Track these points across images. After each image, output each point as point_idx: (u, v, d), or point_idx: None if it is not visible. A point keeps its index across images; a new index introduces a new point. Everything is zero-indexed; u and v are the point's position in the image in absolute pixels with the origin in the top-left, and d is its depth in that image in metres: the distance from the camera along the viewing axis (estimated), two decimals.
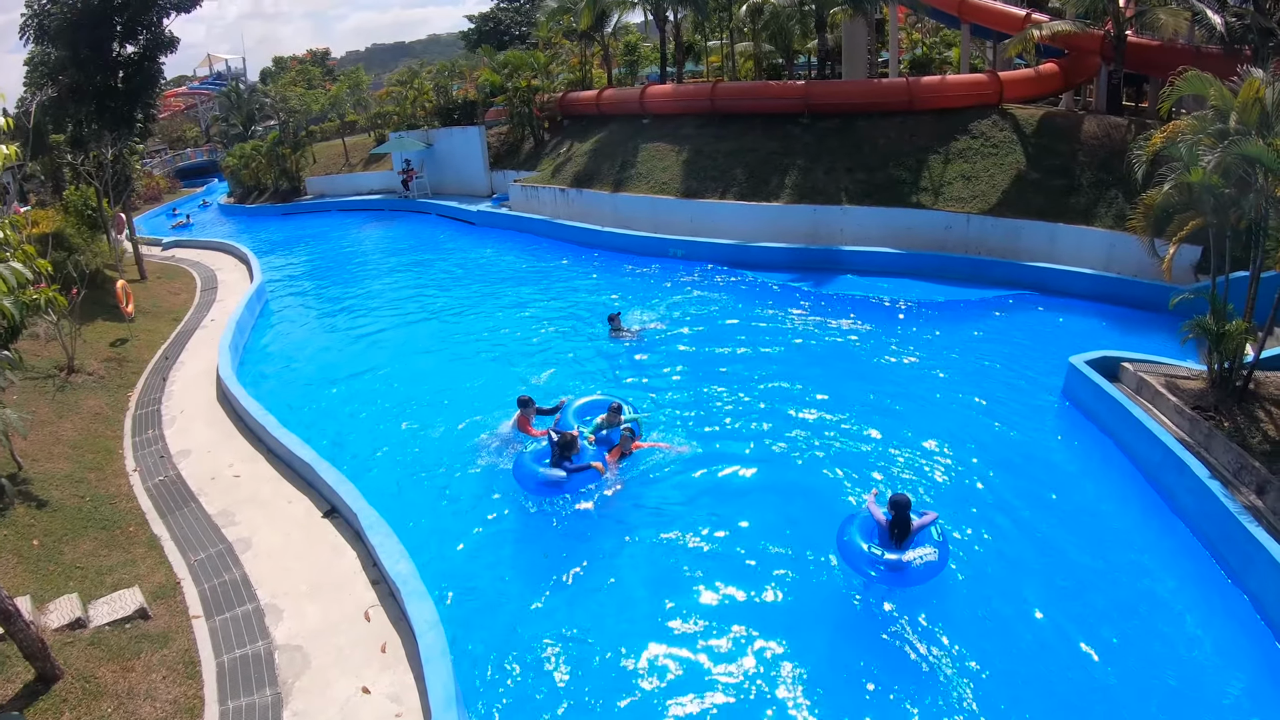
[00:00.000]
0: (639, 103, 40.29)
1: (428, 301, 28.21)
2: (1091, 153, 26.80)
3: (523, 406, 16.09)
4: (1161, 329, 19.28)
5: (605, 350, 21.38)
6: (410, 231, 43.18)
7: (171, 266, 35.98)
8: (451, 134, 49.72)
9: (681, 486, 14.43)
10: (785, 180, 31.26)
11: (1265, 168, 13.07)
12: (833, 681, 10.07)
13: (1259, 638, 10.53)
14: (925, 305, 24.06)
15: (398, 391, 19.50)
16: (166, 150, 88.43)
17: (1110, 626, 10.83)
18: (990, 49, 41.36)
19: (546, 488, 13.71)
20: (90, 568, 11.84)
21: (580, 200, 37.32)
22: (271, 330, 26.32)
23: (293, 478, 14.71)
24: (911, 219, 28.25)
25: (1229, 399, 14.27)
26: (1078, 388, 16.84)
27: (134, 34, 27.58)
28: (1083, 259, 24.78)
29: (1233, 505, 11.81)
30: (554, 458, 13.96)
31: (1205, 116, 14.48)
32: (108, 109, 27.72)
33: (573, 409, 16.17)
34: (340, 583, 11.58)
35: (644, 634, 10.88)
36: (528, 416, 16.08)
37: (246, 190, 60.16)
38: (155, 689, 9.42)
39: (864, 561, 11.18)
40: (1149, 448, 14.10)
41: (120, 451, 16.47)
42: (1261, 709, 9.56)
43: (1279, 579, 10.45)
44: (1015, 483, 14.19)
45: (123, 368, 20.99)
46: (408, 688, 9.45)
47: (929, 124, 30.53)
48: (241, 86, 78.57)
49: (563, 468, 13.79)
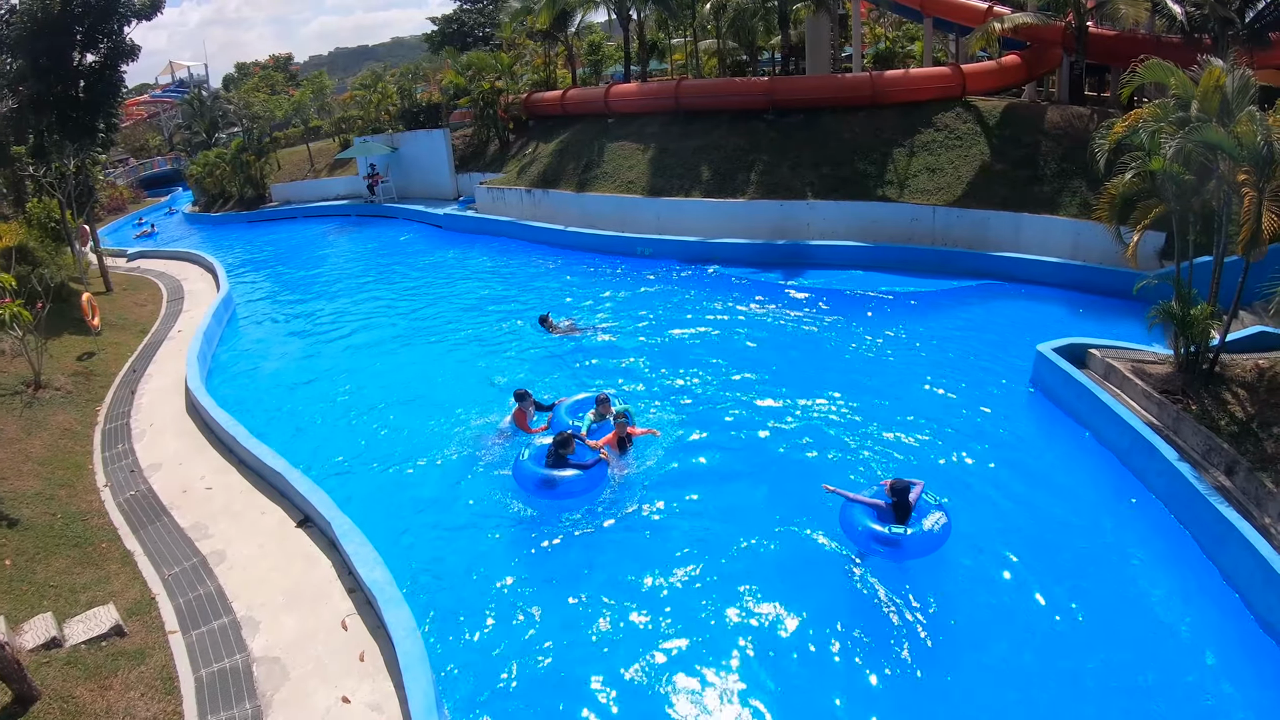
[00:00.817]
0: (604, 102, 40.23)
1: (395, 307, 28.00)
2: (1055, 143, 27.03)
3: (519, 400, 16.01)
4: (1128, 315, 19.47)
5: (564, 348, 21.43)
6: (377, 237, 42.90)
7: (137, 278, 35.47)
8: (416, 137, 49.45)
9: (667, 479, 14.43)
10: (751, 176, 31.32)
11: (1226, 154, 13.20)
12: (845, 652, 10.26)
13: (1232, 612, 10.67)
14: (893, 297, 24.19)
15: (369, 396, 19.32)
16: (130, 160, 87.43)
17: (1089, 606, 10.94)
18: (953, 42, 41.61)
19: (547, 489, 13.51)
20: (64, 586, 11.64)
21: (546, 201, 37.24)
22: (240, 340, 26.00)
23: (265, 488, 14.52)
24: (877, 212, 28.36)
25: (1196, 382, 14.38)
26: (1046, 375, 16.93)
27: (95, 43, 27.13)
28: (1048, 248, 24.97)
29: (1202, 486, 11.94)
30: (551, 457, 13.73)
31: (1166, 104, 14.59)
32: (69, 119, 27.29)
33: (564, 409, 16.03)
34: (316, 592, 11.44)
35: (637, 635, 10.85)
36: (525, 410, 16.00)
37: (211, 199, 59.47)
38: (134, 707, 9.26)
39: (883, 542, 11.45)
40: (1118, 432, 14.24)
41: (90, 467, 16.20)
42: (1236, 679, 9.75)
43: (1249, 556, 10.56)
44: (985, 470, 14.26)
45: (90, 382, 20.67)
46: (388, 696, 9.34)
47: (893, 118, 30.69)
48: (204, 93, 77.80)
49: (566, 466, 13.60)
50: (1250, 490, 11.92)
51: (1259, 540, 10.58)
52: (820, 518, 12.78)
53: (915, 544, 11.37)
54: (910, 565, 11.68)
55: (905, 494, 11.68)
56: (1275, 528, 11.15)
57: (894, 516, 11.64)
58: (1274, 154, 12.59)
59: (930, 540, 11.43)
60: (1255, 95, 13.57)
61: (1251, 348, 15.38)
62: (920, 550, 11.45)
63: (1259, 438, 12.54)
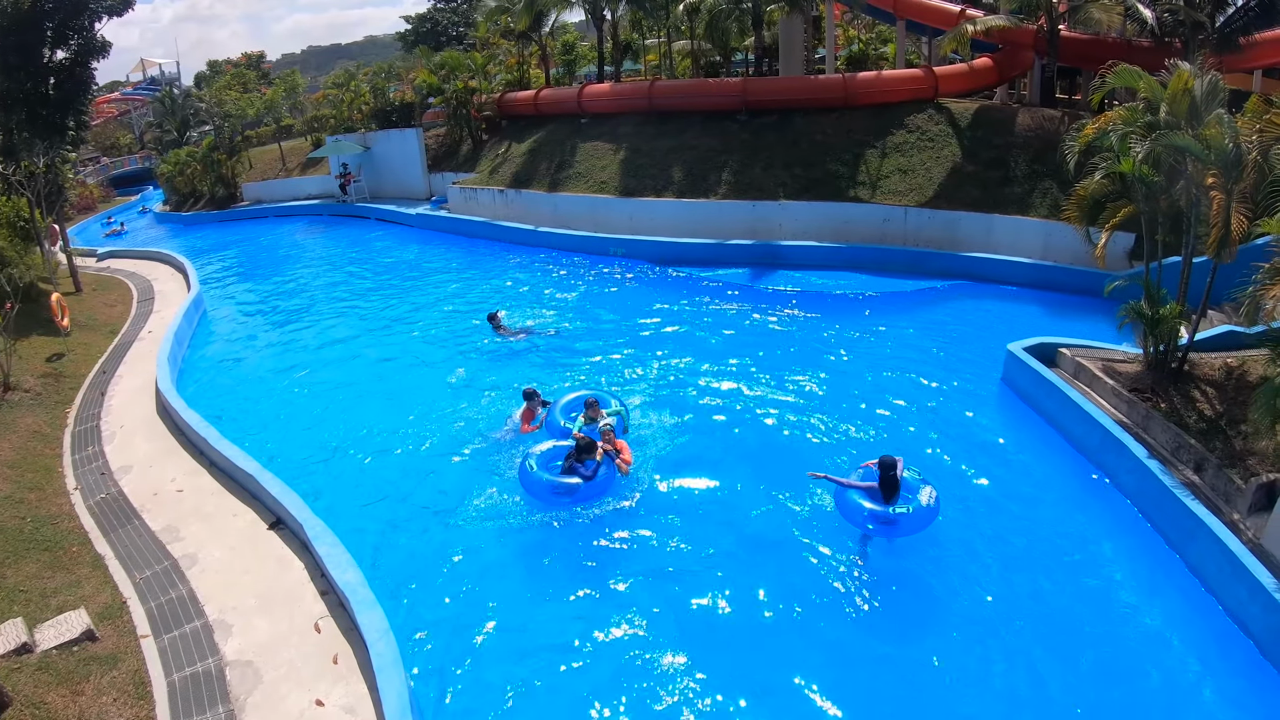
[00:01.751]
0: (577, 102, 40.18)
1: (365, 306, 27.89)
2: (1026, 144, 27.22)
3: (528, 399, 15.91)
4: (1097, 315, 19.63)
5: (535, 346, 21.51)
6: (349, 236, 42.63)
7: (107, 278, 35.10)
8: (389, 137, 49.17)
9: (646, 478, 14.40)
10: (724, 177, 31.36)
11: (1194, 157, 13.35)
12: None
13: (1201, 606, 10.81)
14: (865, 297, 24.30)
15: (341, 396, 19.27)
16: (100, 158, 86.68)
17: (1057, 601, 11.11)
18: (926, 44, 41.82)
19: (561, 496, 13.15)
20: (34, 591, 11.50)
21: (519, 201, 37.17)
22: (211, 341, 25.77)
23: (236, 490, 14.39)
24: (849, 213, 28.45)
25: (1165, 381, 14.52)
26: (1017, 374, 17.05)
27: (65, 39, 26.81)
28: (1019, 248, 25.15)
29: (1171, 482, 12.07)
30: (567, 464, 13.38)
31: (1136, 108, 14.77)
32: (38, 117, 26.94)
33: (559, 407, 15.78)
34: (289, 595, 11.35)
35: (617, 637, 10.84)
36: (532, 409, 15.88)
37: (182, 198, 58.90)
38: (106, 712, 9.18)
39: (880, 521, 11.79)
40: (1088, 430, 14.36)
41: (60, 470, 16.01)
42: (1211, 670, 9.94)
43: (1218, 551, 10.70)
44: (955, 469, 14.33)
45: (60, 383, 20.44)
46: (362, 698, 9.28)
47: (865, 119, 30.78)
48: (175, 91, 77.12)
49: (577, 473, 13.24)
50: (1219, 486, 12.07)
51: (1228, 535, 10.72)
52: (788, 512, 12.89)
53: (914, 520, 11.75)
54: (879, 561, 11.82)
55: (893, 469, 11.92)
56: (1244, 523, 11.30)
57: (884, 495, 11.93)
58: (1242, 157, 12.75)
59: (928, 515, 11.82)
60: (1224, 99, 13.74)
61: (1220, 347, 15.54)
62: (919, 525, 11.82)
63: (1227, 435, 12.68)
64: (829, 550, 12.11)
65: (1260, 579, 9.88)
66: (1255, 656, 9.83)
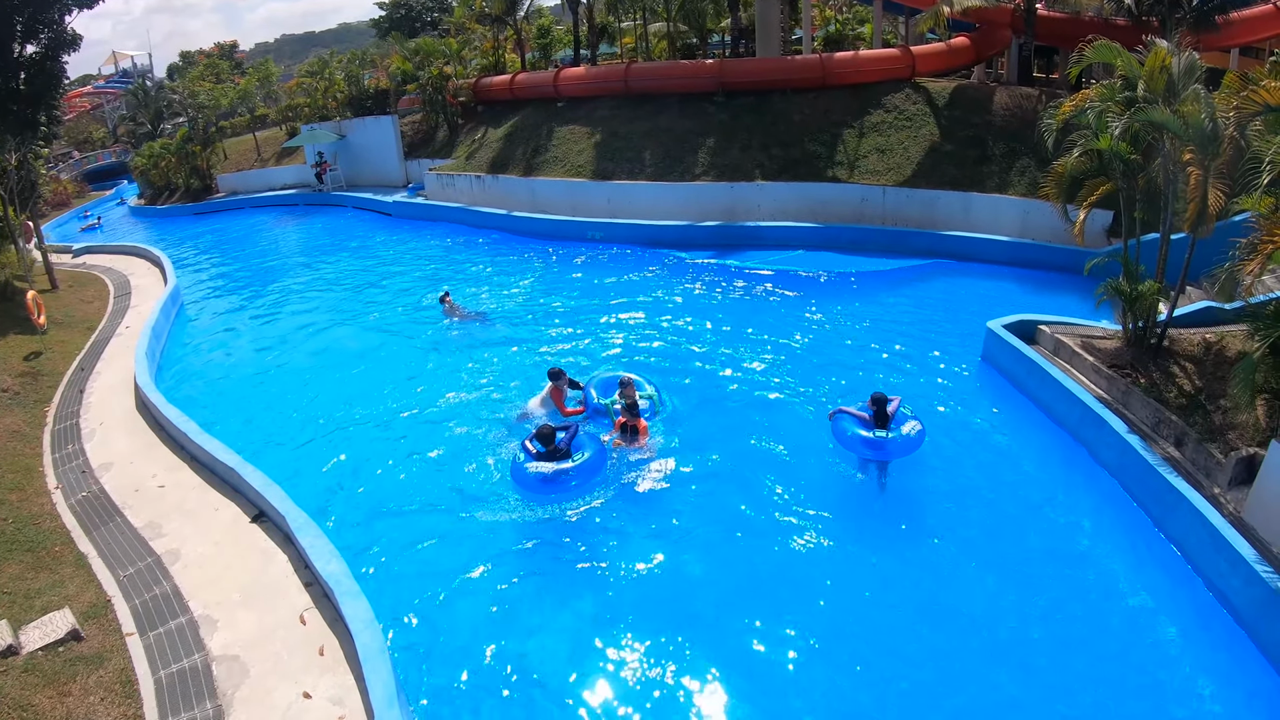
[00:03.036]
0: (553, 86, 40.04)
1: (343, 295, 27.75)
2: (1003, 123, 27.32)
3: (554, 379, 15.70)
4: (1076, 291, 19.75)
5: (518, 332, 21.42)
6: (325, 225, 42.36)
7: (83, 274, 34.68)
8: (364, 124, 48.85)
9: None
10: (701, 159, 31.36)
11: (1171, 133, 13.37)
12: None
13: (1182, 579, 10.88)
14: (844, 276, 24.35)
15: (320, 386, 19.17)
16: (73, 153, 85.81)
17: (1037, 576, 11.20)
18: (903, 24, 41.98)
19: (546, 485, 13.05)
20: (18, 592, 11.38)
21: (496, 186, 37.05)
22: (189, 335, 25.55)
23: (218, 484, 14.27)
24: (828, 193, 28.51)
25: (1144, 356, 14.59)
26: (996, 351, 17.10)
27: (34, 33, 26.39)
28: (998, 226, 25.26)
29: (1152, 457, 12.13)
30: (539, 453, 13.25)
31: (1113, 85, 14.80)
32: (9, 113, 26.57)
33: (593, 387, 16.07)
34: (273, 588, 11.28)
35: (612, 622, 10.85)
36: (560, 389, 15.70)
37: (157, 191, 58.36)
38: (94, 711, 9.11)
39: (868, 444, 13.36)
40: (1068, 406, 14.42)
41: (40, 469, 15.81)
42: (1192, 643, 10.01)
43: (1199, 525, 10.75)
44: (936, 445, 14.30)
45: (38, 382, 20.21)
46: (349, 689, 9.23)
47: (843, 99, 30.83)
48: (148, 84, 76.25)
49: (560, 458, 13.16)
50: (1199, 461, 12.12)
51: (1208, 509, 10.77)
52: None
53: (896, 445, 13.22)
54: (867, 534, 11.84)
55: (884, 404, 13.37)
56: (1224, 497, 11.36)
57: (876, 423, 13.35)
58: (1219, 133, 12.77)
59: (909, 442, 13.27)
60: (1202, 76, 13.75)
61: (1198, 322, 15.65)
62: (900, 450, 13.27)
63: (1206, 410, 12.74)
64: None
65: (1241, 551, 9.93)
66: (1235, 629, 9.90)
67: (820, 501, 12.97)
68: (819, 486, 13.47)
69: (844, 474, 13.82)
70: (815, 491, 13.27)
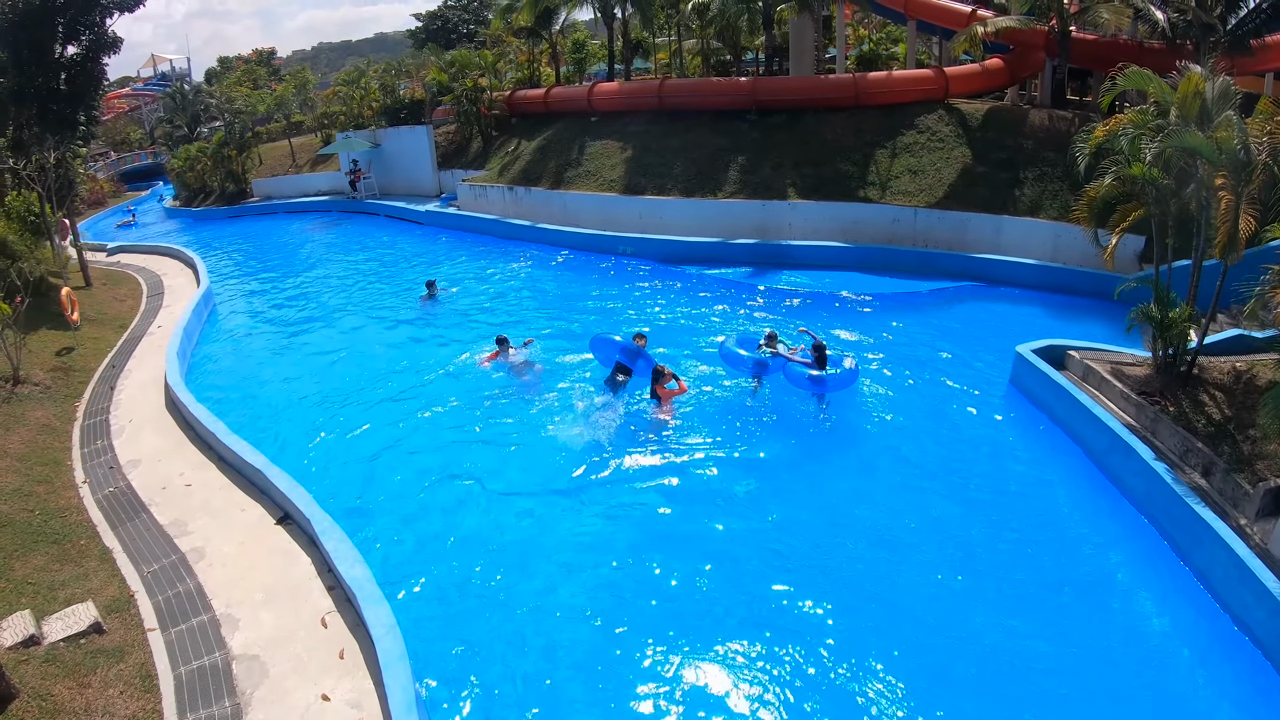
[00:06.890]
0: (587, 100, 40.23)
1: (374, 302, 27.95)
2: (1036, 145, 27.21)
3: (500, 345, 19.64)
4: (1106, 317, 19.63)
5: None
6: (358, 233, 42.61)
7: (117, 272, 35.10)
8: (399, 134, 49.21)
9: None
10: (733, 176, 31.39)
11: (1205, 159, 13.30)
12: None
13: (1207, 611, 10.80)
14: (873, 297, 24.23)
15: (350, 390, 19.35)
16: (110, 153, 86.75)
17: (1064, 604, 11.11)
18: (937, 45, 41.76)
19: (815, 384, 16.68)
20: (42, 583, 11.52)
21: (529, 199, 37.18)
22: (219, 336, 25.82)
23: (244, 485, 14.40)
24: (859, 213, 28.44)
25: (1174, 384, 14.50)
26: (1025, 376, 17.02)
27: (76, 34, 26.89)
28: (1028, 250, 25.12)
29: (1179, 486, 12.04)
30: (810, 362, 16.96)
31: (1147, 110, 14.74)
32: (50, 112, 27.04)
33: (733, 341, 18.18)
34: (296, 590, 11.37)
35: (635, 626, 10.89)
36: (496, 353, 19.56)
37: (192, 193, 58.94)
38: (113, 704, 9.19)
39: (814, 381, 16.62)
40: (1096, 433, 14.34)
41: (69, 463, 16.01)
42: (1215, 675, 9.93)
43: (1226, 556, 10.67)
44: (962, 468, 14.35)
45: (69, 377, 20.47)
46: (367, 693, 9.29)
47: (876, 119, 30.80)
48: (186, 87, 77.35)
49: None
50: (1227, 491, 12.04)
51: (1234, 539, 10.69)
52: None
53: (839, 380, 16.72)
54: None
55: (823, 350, 16.89)
56: (1251, 528, 11.27)
57: (817, 364, 16.76)
58: (1251, 158, 12.71)
59: (846, 377, 16.78)
60: (1237, 101, 13.69)
61: (1229, 350, 15.54)
62: (844, 384, 16.79)
63: (1235, 439, 12.65)
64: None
65: (1266, 584, 9.85)
66: (1260, 661, 9.82)
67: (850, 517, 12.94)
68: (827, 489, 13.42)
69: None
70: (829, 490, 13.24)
